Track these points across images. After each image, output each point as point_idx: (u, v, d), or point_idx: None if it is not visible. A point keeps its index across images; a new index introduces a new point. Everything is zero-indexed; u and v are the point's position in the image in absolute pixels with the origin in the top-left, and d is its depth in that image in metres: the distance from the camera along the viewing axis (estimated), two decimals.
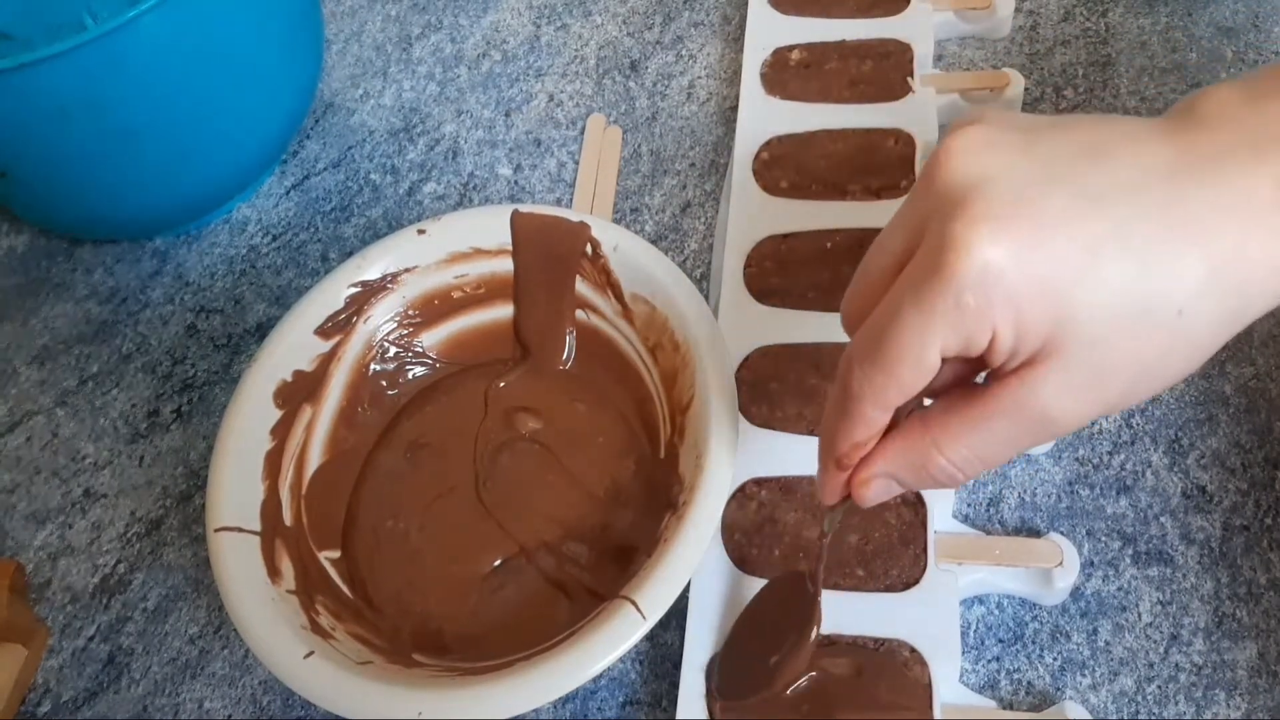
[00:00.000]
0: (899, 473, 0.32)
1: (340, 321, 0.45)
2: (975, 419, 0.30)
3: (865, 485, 0.33)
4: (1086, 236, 0.27)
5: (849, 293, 0.33)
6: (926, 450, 0.31)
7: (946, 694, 0.38)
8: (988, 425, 0.30)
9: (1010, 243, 0.27)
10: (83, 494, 0.50)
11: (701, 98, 0.60)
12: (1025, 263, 0.27)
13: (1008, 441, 0.30)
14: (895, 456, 0.32)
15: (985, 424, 0.30)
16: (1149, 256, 0.27)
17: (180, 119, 0.50)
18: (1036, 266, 0.27)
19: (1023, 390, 0.29)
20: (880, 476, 0.33)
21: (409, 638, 0.41)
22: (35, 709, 0.44)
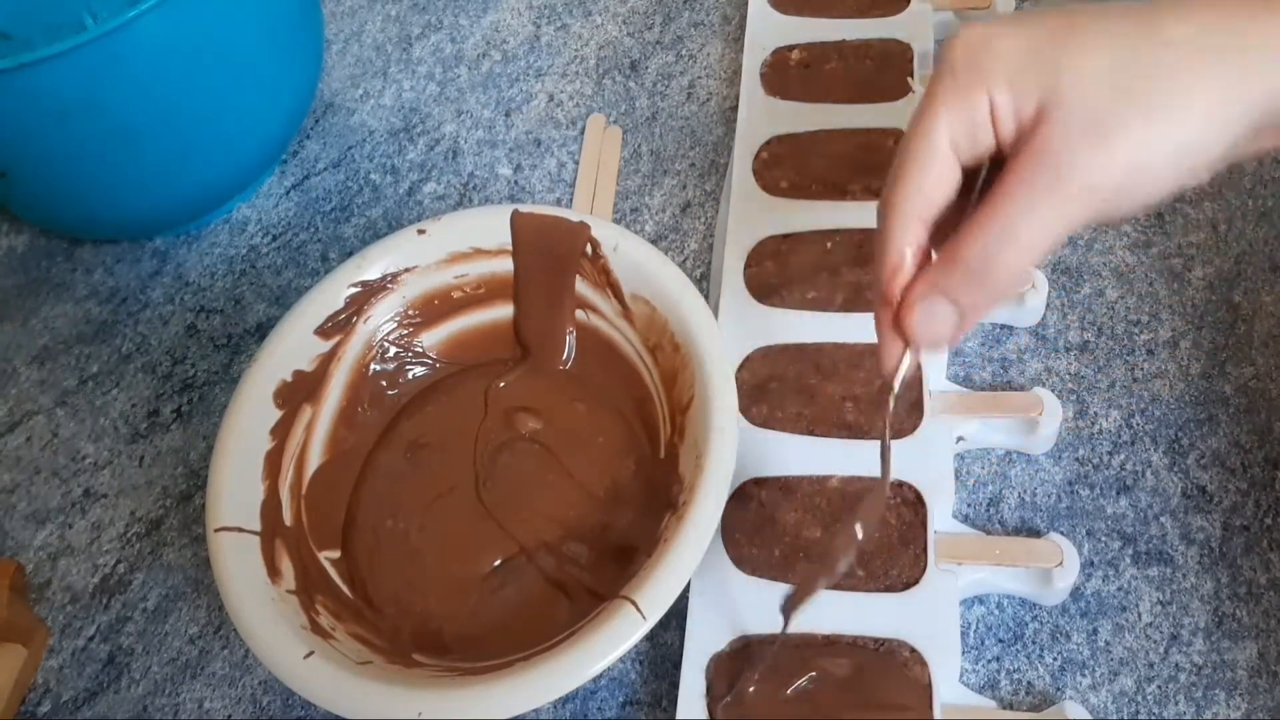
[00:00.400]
0: (947, 283, 0.31)
1: (340, 321, 0.45)
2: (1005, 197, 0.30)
3: (910, 310, 0.32)
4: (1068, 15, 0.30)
5: None
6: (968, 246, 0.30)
7: (946, 694, 0.38)
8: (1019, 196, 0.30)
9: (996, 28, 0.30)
10: (83, 494, 0.50)
11: (701, 98, 0.60)
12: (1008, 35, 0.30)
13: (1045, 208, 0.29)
14: (940, 269, 0.31)
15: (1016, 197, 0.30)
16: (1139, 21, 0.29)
17: (180, 119, 0.50)
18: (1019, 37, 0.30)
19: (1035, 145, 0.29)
20: (926, 297, 0.31)
21: (409, 638, 0.41)
22: (35, 709, 0.44)
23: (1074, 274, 0.50)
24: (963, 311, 0.32)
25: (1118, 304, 0.49)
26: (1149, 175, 0.29)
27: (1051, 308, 0.49)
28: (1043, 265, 0.50)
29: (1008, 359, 0.48)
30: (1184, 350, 0.47)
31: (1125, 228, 0.51)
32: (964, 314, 0.32)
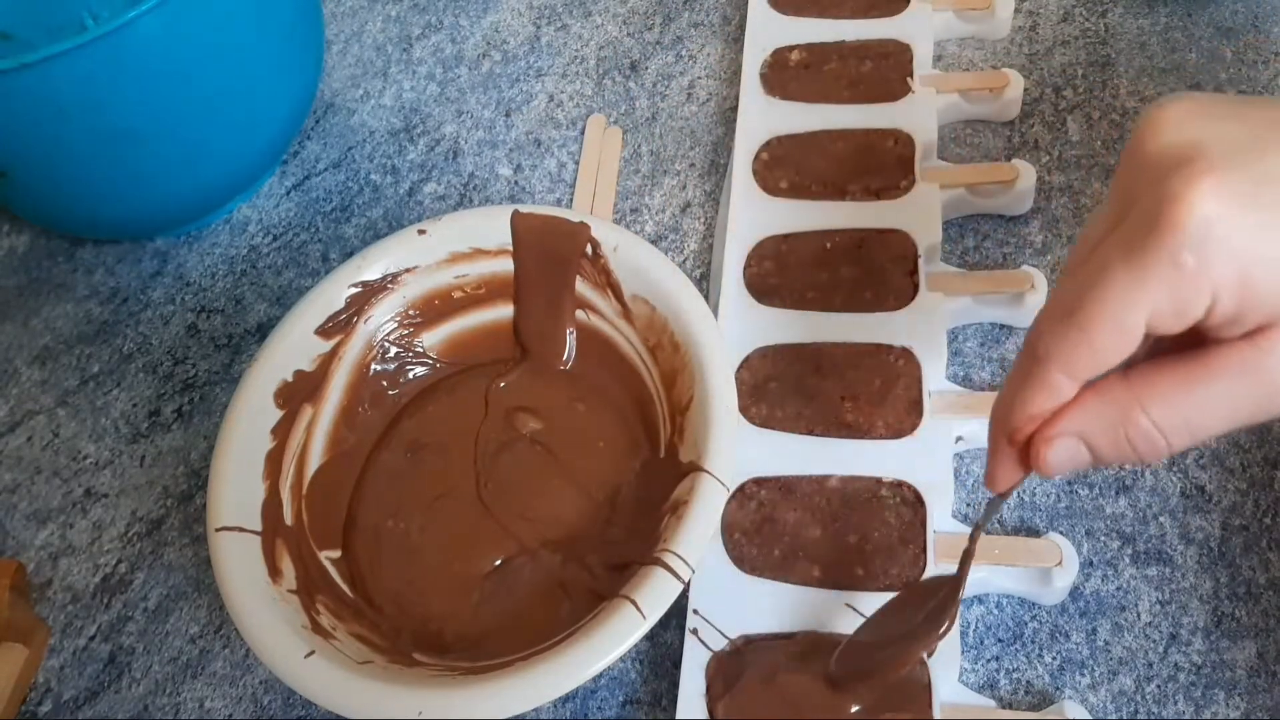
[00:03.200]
0: (1091, 432, 0.29)
1: (341, 321, 0.45)
2: (1193, 378, 0.27)
3: (1049, 444, 0.29)
4: None
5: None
6: (1130, 407, 0.28)
7: (946, 694, 0.38)
8: (1207, 387, 0.27)
9: (1234, 199, 0.25)
10: (84, 494, 0.50)
11: (701, 98, 0.60)
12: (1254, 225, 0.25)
13: (1228, 409, 0.27)
14: (1090, 412, 0.28)
15: (1205, 385, 0.27)
16: None
17: (180, 119, 0.50)
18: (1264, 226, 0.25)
19: (1254, 353, 0.26)
20: (1068, 435, 0.29)
21: (409, 637, 0.41)
22: (36, 708, 0.44)
23: None
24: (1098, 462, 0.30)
25: None
26: None
27: None
28: (1043, 266, 0.50)
29: (1007, 359, 0.48)
30: None
31: None
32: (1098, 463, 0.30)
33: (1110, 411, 0.28)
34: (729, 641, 0.40)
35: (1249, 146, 0.26)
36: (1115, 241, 0.27)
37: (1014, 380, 0.30)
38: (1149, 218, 0.26)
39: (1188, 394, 0.27)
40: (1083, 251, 0.29)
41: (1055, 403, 0.29)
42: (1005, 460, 0.31)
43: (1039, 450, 0.29)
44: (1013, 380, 0.30)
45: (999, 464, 0.31)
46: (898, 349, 0.46)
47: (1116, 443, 0.28)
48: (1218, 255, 0.25)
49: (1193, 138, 0.27)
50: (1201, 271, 0.25)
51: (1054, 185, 0.53)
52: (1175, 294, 0.26)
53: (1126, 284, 0.26)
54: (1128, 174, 0.28)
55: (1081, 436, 0.29)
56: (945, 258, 0.50)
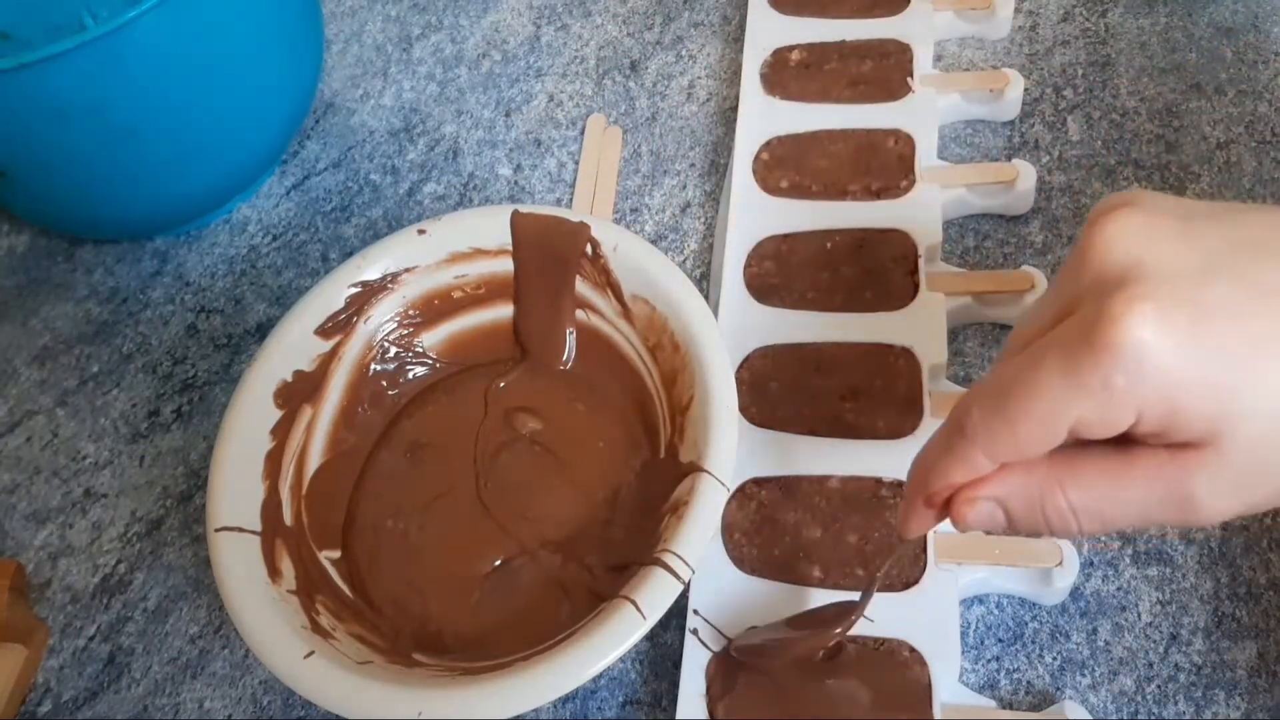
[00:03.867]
0: (1010, 501, 0.30)
1: (340, 321, 0.45)
2: (1112, 472, 0.28)
3: (970, 504, 0.30)
4: (1250, 333, 0.26)
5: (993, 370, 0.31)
6: (1049, 486, 0.29)
7: (946, 694, 0.38)
8: (1124, 483, 0.28)
9: (1170, 329, 0.26)
10: (83, 494, 0.50)
11: (701, 98, 0.60)
12: (1185, 354, 0.26)
13: (1140, 508, 0.29)
14: (1012, 483, 0.30)
15: (1122, 480, 0.28)
16: None
17: (180, 119, 0.50)
18: (1197, 359, 0.26)
19: (1172, 466, 0.28)
20: (988, 500, 0.30)
21: (409, 637, 0.41)
22: (35, 709, 0.44)
23: None
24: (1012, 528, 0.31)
25: None
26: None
27: None
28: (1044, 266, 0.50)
29: None
30: None
31: None
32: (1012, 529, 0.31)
33: (1032, 486, 0.30)
34: (729, 641, 0.40)
35: (1195, 275, 0.27)
36: (1053, 344, 0.28)
37: (936, 448, 0.31)
38: (1087, 331, 0.27)
39: (1105, 487, 0.29)
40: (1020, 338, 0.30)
41: (972, 476, 0.30)
42: (920, 514, 0.32)
43: (960, 509, 0.31)
44: (935, 447, 0.31)
45: (913, 517, 0.32)
46: (898, 349, 0.46)
47: (1032, 515, 0.30)
48: (1147, 380, 0.26)
49: (1138, 257, 0.27)
50: (1130, 392, 0.26)
51: (1054, 185, 0.53)
52: (1102, 410, 0.27)
53: (1058, 391, 0.27)
54: (1071, 277, 0.29)
55: (1001, 503, 0.30)
56: (945, 258, 0.50)
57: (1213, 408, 0.26)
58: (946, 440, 0.30)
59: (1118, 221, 0.28)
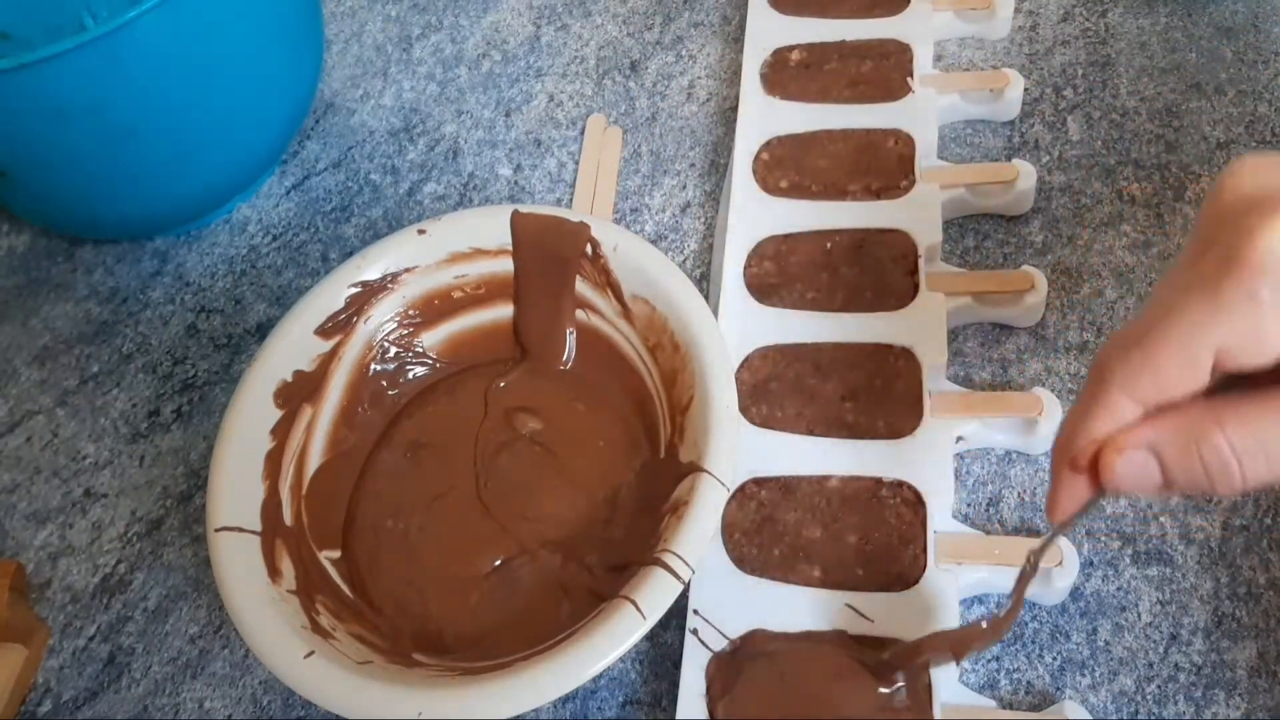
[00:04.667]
0: (1164, 446, 0.28)
1: (340, 321, 0.45)
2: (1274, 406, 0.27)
3: (1119, 452, 0.28)
4: None
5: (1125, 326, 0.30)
6: (1206, 425, 0.27)
7: (946, 694, 0.38)
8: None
9: None
10: (83, 494, 0.50)
11: (701, 98, 0.60)
12: None
13: None
14: (1165, 426, 0.28)
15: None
16: None
17: (180, 119, 0.50)
18: None
19: None
20: (1139, 448, 0.28)
21: (409, 638, 0.41)
22: (35, 709, 0.44)
23: (1074, 274, 0.50)
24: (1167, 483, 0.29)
25: (1117, 304, 0.49)
26: None
27: (1051, 308, 0.49)
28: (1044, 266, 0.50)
29: (1008, 359, 0.48)
30: None
31: (1124, 227, 0.51)
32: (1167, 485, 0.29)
33: (1186, 426, 0.28)
34: (729, 641, 0.40)
35: None
36: (1192, 275, 0.27)
37: (1077, 406, 0.29)
38: (1226, 253, 0.26)
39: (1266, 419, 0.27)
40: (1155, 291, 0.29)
41: (1116, 425, 0.28)
42: (1068, 484, 0.30)
43: (1109, 460, 0.29)
44: (1076, 406, 0.30)
45: (1061, 490, 0.30)
46: (898, 349, 0.46)
47: (1188, 460, 0.28)
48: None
49: (1270, 183, 0.27)
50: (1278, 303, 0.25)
51: (1054, 185, 0.53)
52: (1249, 327, 0.26)
53: (1198, 313, 0.26)
54: (1206, 221, 0.28)
55: (1153, 449, 0.28)
56: (945, 258, 0.50)
57: None
58: (1087, 394, 0.29)
59: (1246, 160, 0.28)
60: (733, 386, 0.41)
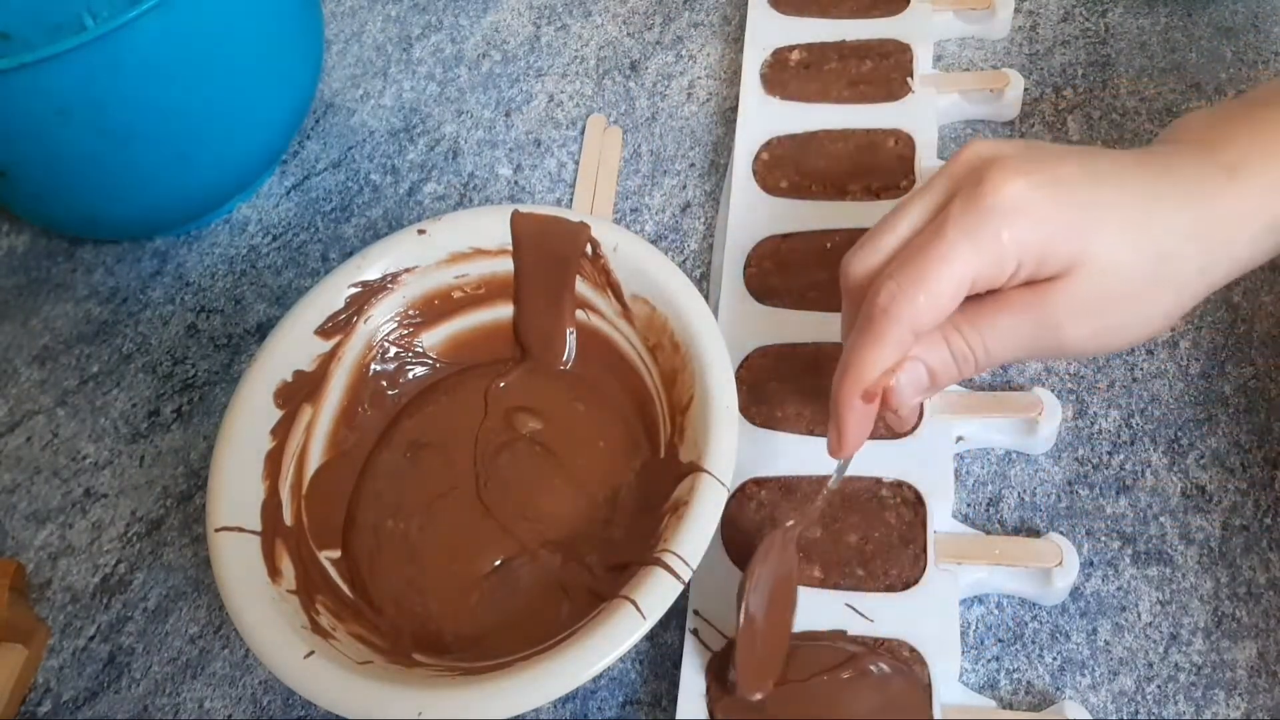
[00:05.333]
0: (928, 355, 0.35)
1: (340, 321, 0.45)
2: (993, 308, 0.34)
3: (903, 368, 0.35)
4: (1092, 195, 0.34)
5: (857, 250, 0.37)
6: (950, 333, 0.35)
7: (946, 694, 0.38)
8: (1003, 315, 0.34)
9: (1038, 189, 0.33)
10: (83, 494, 0.50)
11: (701, 98, 0.60)
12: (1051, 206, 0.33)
13: (1020, 336, 0.34)
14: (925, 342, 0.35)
15: (1001, 313, 0.34)
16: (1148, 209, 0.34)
17: (180, 119, 0.50)
18: (1060, 210, 0.33)
19: (1041, 295, 0.34)
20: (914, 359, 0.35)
21: (409, 637, 0.41)
22: (35, 709, 0.44)
23: None
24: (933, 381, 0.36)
25: None
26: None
27: None
28: None
29: None
30: (1183, 350, 0.47)
31: None
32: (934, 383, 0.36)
33: (939, 339, 0.35)
34: (729, 642, 0.40)
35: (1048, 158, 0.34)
36: (948, 219, 0.33)
37: (861, 341, 0.35)
38: (975, 200, 0.33)
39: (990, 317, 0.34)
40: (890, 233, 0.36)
41: (902, 353, 0.35)
42: (860, 415, 0.36)
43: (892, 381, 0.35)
44: (859, 342, 0.35)
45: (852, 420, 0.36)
46: None
47: (944, 362, 0.35)
48: (1025, 227, 0.33)
49: (1000, 152, 0.34)
50: (1015, 240, 0.33)
51: None
52: (996, 260, 0.33)
53: (963, 252, 0.33)
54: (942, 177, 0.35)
55: (922, 360, 0.35)
56: None
57: (1073, 244, 0.33)
58: (869, 332, 0.34)
59: (974, 141, 0.35)
60: (733, 386, 0.41)
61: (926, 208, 0.35)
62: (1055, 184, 0.33)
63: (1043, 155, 0.34)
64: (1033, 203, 0.33)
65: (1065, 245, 0.33)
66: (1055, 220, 0.33)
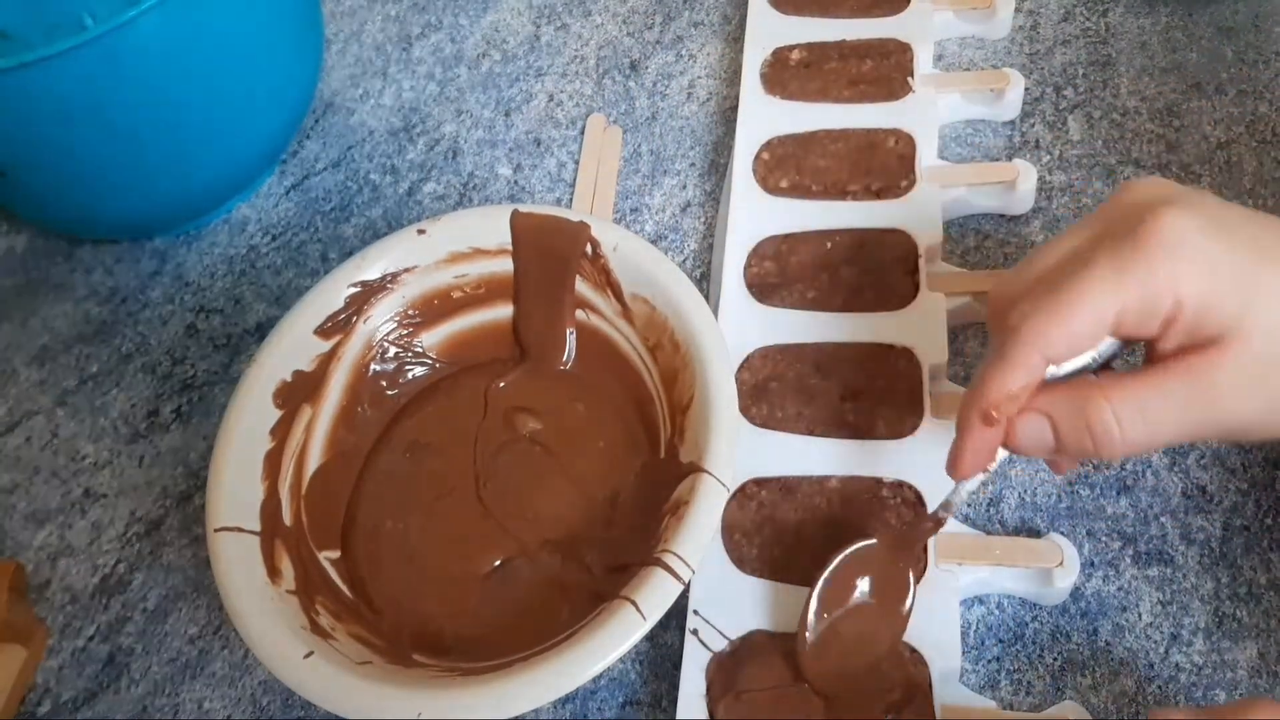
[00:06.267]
0: (1058, 414, 0.32)
1: (340, 321, 0.45)
2: (1150, 380, 0.31)
3: (1022, 416, 0.33)
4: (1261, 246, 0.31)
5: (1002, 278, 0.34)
6: (1094, 397, 0.32)
7: (946, 694, 0.38)
8: (1161, 386, 0.31)
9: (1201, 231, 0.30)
10: (82, 494, 0.50)
11: (701, 98, 0.60)
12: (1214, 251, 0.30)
13: (1178, 410, 0.31)
14: (1059, 397, 0.32)
15: (1159, 386, 0.31)
16: None
17: (180, 119, 0.50)
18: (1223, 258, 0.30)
19: (1202, 363, 0.30)
20: (1039, 413, 0.32)
21: (409, 638, 0.41)
22: (35, 709, 0.44)
23: None
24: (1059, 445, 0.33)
25: None
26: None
27: None
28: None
29: None
30: None
31: None
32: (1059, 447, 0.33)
33: (1076, 396, 0.32)
34: (729, 641, 0.40)
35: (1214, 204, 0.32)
36: (1098, 244, 0.31)
37: (990, 363, 0.33)
38: (1130, 230, 0.31)
39: (1145, 392, 0.31)
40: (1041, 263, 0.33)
41: (1030, 379, 0.32)
42: (978, 438, 0.34)
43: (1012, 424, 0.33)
44: (989, 365, 0.33)
45: (968, 443, 0.34)
46: (898, 349, 0.46)
47: (1076, 426, 0.32)
48: (1185, 268, 0.30)
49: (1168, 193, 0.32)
50: (1170, 279, 0.30)
51: (1054, 185, 0.53)
52: (1146, 294, 0.30)
53: (1107, 282, 0.30)
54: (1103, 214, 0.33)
55: (1048, 415, 0.32)
56: (945, 258, 0.50)
57: (1235, 302, 0.30)
58: (1000, 353, 0.32)
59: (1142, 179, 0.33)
60: (733, 386, 0.41)
61: (1079, 240, 0.33)
62: (1222, 230, 0.30)
63: (1208, 200, 0.32)
64: (1197, 245, 0.30)
65: (1229, 300, 0.30)
66: (1220, 269, 0.30)
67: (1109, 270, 0.30)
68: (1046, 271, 0.33)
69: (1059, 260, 0.33)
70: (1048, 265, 0.33)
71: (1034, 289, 0.32)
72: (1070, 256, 0.32)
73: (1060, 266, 0.32)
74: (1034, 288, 0.32)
